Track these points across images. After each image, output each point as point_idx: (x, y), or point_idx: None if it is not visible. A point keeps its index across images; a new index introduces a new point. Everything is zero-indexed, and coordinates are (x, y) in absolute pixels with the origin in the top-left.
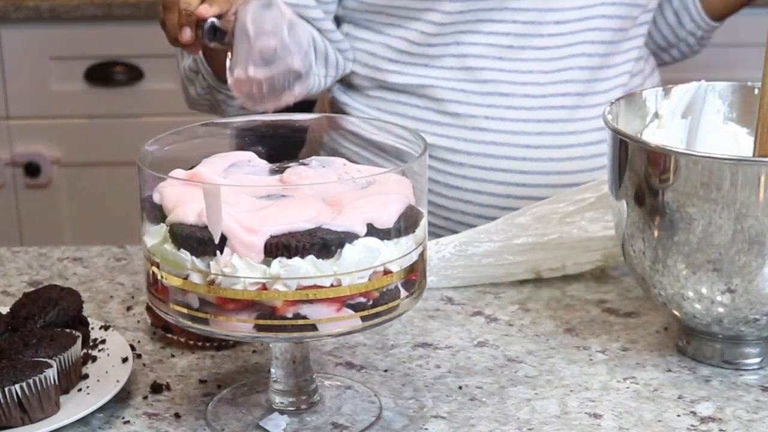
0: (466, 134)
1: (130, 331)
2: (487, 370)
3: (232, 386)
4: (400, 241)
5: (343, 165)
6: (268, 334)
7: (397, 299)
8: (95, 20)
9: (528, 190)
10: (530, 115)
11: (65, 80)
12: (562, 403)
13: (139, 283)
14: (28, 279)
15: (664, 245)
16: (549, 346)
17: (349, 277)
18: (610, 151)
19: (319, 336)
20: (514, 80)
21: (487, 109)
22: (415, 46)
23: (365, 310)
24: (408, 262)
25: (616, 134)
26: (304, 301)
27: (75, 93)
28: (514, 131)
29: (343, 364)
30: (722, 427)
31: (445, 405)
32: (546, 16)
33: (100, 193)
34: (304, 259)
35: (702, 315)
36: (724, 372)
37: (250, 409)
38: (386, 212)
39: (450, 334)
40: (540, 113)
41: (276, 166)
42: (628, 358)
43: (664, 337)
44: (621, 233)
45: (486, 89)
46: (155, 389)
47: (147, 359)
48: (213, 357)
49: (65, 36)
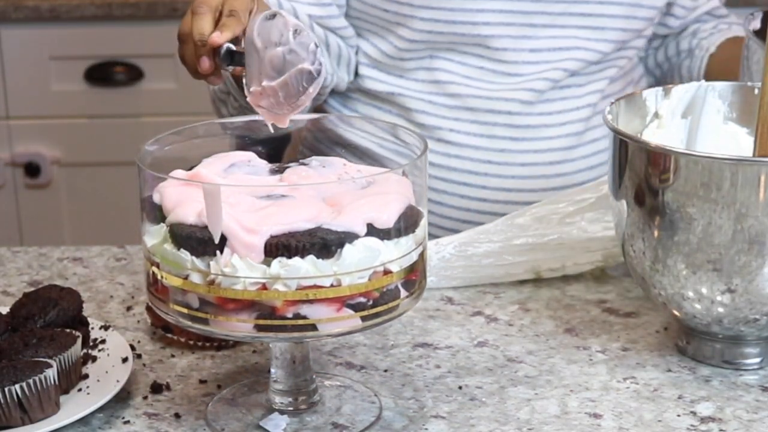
0: (430, 145)
1: (130, 331)
2: (487, 370)
3: (232, 386)
4: (400, 241)
5: (343, 165)
6: (268, 334)
7: (397, 299)
8: (95, 20)
9: (487, 205)
10: (494, 131)
11: (65, 80)
12: (562, 403)
13: (139, 283)
14: (28, 279)
15: (664, 245)
16: (549, 346)
17: (349, 277)
18: (610, 151)
19: (319, 336)
20: (481, 95)
21: (452, 122)
22: (388, 57)
23: (365, 310)
24: (408, 262)
25: (616, 134)
26: (304, 301)
27: (75, 93)
28: (476, 146)
29: (343, 364)
30: (722, 427)
31: (445, 405)
32: (519, 43)
33: (100, 193)
34: (304, 259)
35: (702, 315)
36: (724, 372)
37: (250, 409)
38: (386, 212)
39: (450, 334)
40: (504, 130)
41: (276, 166)
42: (628, 358)
43: (664, 337)
44: (621, 233)
45: (453, 103)
46: (155, 389)
47: (147, 359)
48: (213, 357)
49: (65, 36)
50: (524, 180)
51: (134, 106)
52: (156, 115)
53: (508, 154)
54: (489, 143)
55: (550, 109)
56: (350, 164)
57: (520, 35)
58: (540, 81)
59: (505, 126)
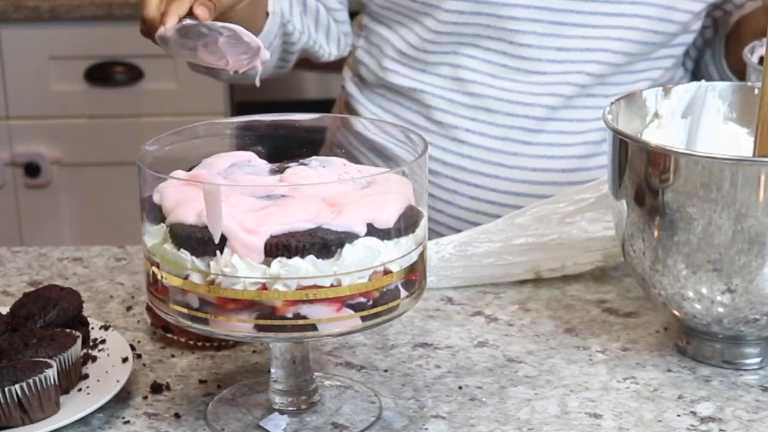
0: (445, 144)
1: (130, 331)
2: (487, 370)
3: (232, 386)
4: (400, 241)
5: (343, 165)
6: (268, 334)
7: (397, 299)
8: (95, 20)
9: (495, 208)
10: (510, 134)
11: (65, 80)
12: (562, 403)
13: (139, 283)
14: (28, 279)
15: (664, 245)
16: (549, 346)
17: (349, 277)
18: (610, 151)
19: (319, 336)
20: (502, 97)
21: (470, 122)
22: (413, 49)
23: (365, 310)
24: (408, 262)
25: (616, 134)
26: (304, 301)
27: (75, 93)
28: (490, 148)
29: (343, 364)
30: (722, 427)
31: (445, 405)
32: (545, 41)
33: (100, 193)
34: (304, 259)
35: (702, 315)
36: (724, 372)
37: (250, 409)
38: (386, 212)
39: (450, 334)
40: (520, 134)
41: (276, 166)
42: (628, 358)
43: (664, 337)
44: (621, 233)
45: (473, 102)
46: (155, 389)
47: (147, 359)
48: (213, 357)
49: (65, 36)
50: (534, 185)
51: (134, 106)
52: (156, 115)
53: (521, 158)
54: (503, 145)
55: (573, 116)
56: (350, 164)
57: (548, 33)
58: (567, 86)
59: (522, 129)
